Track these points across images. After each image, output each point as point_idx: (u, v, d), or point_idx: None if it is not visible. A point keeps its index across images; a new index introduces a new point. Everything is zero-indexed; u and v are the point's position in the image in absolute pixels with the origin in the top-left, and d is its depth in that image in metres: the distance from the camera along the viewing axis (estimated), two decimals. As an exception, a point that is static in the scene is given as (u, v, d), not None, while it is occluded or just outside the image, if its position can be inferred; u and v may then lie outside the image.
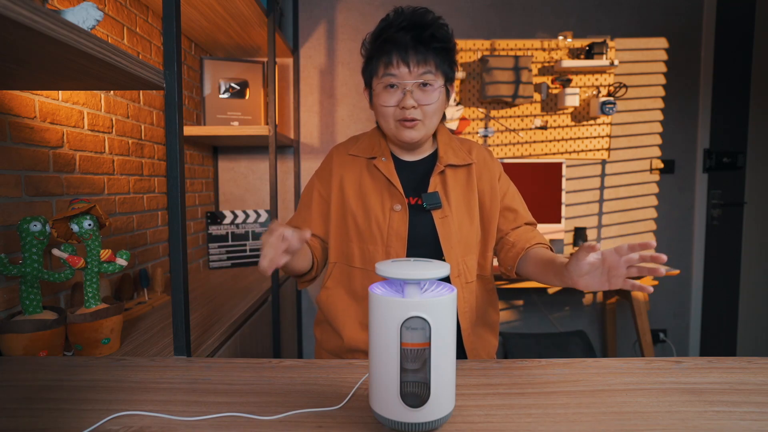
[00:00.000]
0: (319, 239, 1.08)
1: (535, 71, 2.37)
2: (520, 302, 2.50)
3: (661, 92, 2.43)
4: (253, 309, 1.55)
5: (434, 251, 1.00)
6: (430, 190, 1.00)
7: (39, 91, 1.12)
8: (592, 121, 2.40)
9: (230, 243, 2.16)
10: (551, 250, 1.01)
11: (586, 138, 2.41)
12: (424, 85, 0.95)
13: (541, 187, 2.26)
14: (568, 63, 2.25)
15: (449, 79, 1.00)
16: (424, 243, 1.00)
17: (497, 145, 2.40)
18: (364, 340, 1.00)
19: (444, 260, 0.99)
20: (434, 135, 1.08)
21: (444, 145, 1.05)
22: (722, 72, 2.45)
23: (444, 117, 1.14)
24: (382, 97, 0.97)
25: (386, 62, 0.94)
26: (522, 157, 2.41)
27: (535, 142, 2.41)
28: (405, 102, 0.94)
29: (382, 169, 1.01)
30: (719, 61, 2.44)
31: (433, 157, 1.07)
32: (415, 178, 1.04)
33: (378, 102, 0.98)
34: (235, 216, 2.18)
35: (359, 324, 1.01)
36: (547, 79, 2.38)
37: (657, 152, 2.46)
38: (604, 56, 2.26)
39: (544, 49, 2.36)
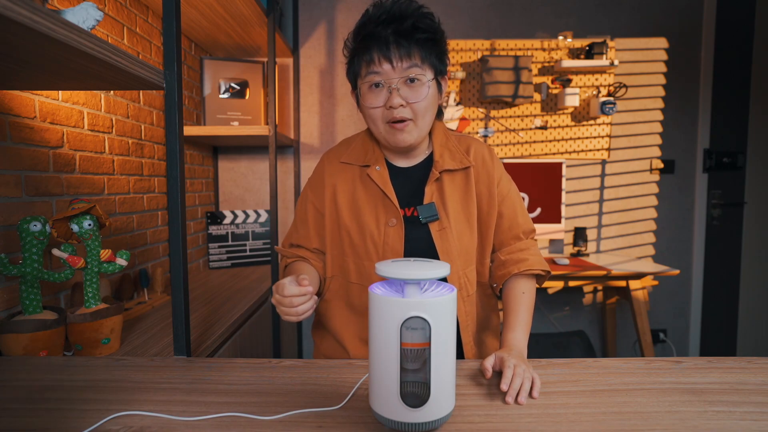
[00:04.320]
0: (322, 254, 1.04)
1: (535, 71, 2.37)
2: (520, 302, 2.49)
3: (661, 92, 2.43)
4: (253, 309, 1.55)
5: None
6: (426, 201, 0.94)
7: (39, 91, 1.12)
8: (592, 121, 2.40)
9: (230, 243, 2.16)
10: (543, 273, 0.98)
11: (586, 138, 2.41)
12: (411, 80, 0.87)
13: (541, 187, 2.26)
14: (568, 63, 2.25)
15: (439, 72, 0.92)
16: (421, 257, 0.96)
17: (497, 145, 2.40)
18: (366, 354, 0.98)
19: None
20: (429, 135, 1.01)
21: (440, 147, 0.98)
22: (722, 72, 2.45)
23: (441, 114, 1.08)
24: (368, 99, 0.90)
25: (368, 60, 0.88)
26: (522, 157, 2.41)
27: (535, 142, 2.40)
28: (392, 101, 0.86)
29: (376, 179, 0.95)
30: (719, 61, 2.44)
31: (429, 162, 0.99)
32: (411, 186, 0.98)
33: (364, 104, 0.91)
34: (235, 216, 2.18)
35: (359, 339, 0.98)
36: (547, 79, 2.38)
37: (657, 152, 2.46)
38: (604, 56, 2.26)
39: (544, 49, 2.36)
